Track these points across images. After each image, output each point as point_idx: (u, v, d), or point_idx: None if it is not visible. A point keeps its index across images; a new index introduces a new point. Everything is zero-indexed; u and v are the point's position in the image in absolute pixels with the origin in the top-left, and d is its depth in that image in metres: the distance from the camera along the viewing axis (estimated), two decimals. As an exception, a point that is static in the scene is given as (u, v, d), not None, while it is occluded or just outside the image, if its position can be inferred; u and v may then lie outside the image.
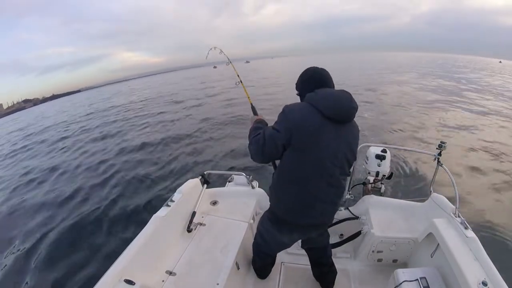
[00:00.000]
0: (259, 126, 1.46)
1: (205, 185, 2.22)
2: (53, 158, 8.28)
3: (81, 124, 14.22)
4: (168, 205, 1.84)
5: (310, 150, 1.23)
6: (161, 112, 13.56)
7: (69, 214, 4.35)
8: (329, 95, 1.23)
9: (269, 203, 1.51)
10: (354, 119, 1.32)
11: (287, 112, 1.24)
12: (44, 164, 7.60)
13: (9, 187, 6.32)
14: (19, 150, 10.70)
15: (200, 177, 2.23)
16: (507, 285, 1.28)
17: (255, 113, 1.77)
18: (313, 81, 1.32)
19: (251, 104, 1.91)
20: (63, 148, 9.27)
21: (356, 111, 1.27)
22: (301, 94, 1.37)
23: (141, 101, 21.04)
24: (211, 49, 2.27)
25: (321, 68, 1.37)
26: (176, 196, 1.93)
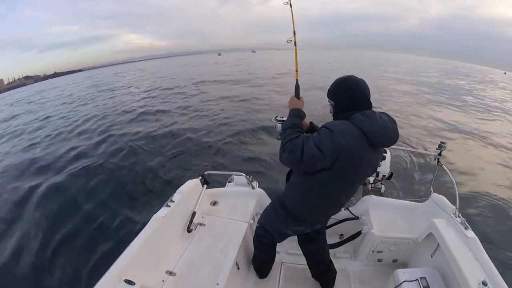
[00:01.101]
0: (296, 124, 1.31)
1: (205, 185, 2.22)
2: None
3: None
4: (168, 205, 1.84)
5: (347, 175, 1.23)
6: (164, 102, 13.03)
7: (66, 215, 4.33)
8: (382, 125, 1.16)
9: (282, 196, 1.53)
10: None
11: (337, 134, 1.13)
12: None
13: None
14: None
15: (200, 177, 2.23)
16: (507, 285, 1.28)
17: (297, 94, 1.49)
18: (355, 94, 1.22)
19: (296, 81, 1.54)
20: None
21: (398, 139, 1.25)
22: (338, 105, 1.26)
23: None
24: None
25: (361, 79, 1.25)
26: (176, 196, 1.93)
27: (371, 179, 2.50)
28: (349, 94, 1.22)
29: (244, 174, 2.39)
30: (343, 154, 1.14)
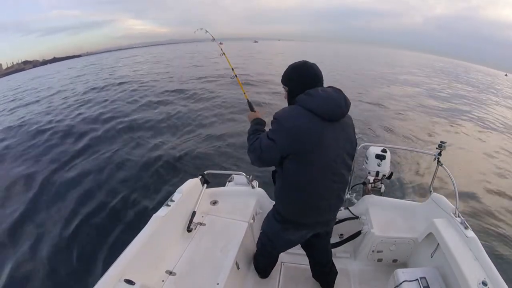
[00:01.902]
0: (257, 128, 1.45)
1: (205, 185, 2.22)
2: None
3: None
4: (168, 205, 1.84)
5: (313, 156, 1.20)
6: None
7: (62, 217, 4.33)
8: (326, 97, 1.18)
9: (274, 204, 1.51)
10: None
11: (282, 121, 1.20)
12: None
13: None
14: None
15: (200, 176, 2.22)
16: (507, 285, 1.28)
17: (251, 109, 1.71)
18: (308, 79, 1.26)
19: (247, 100, 1.84)
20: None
21: (350, 106, 1.26)
22: (293, 91, 1.30)
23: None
24: (197, 29, 2.34)
25: (314, 64, 1.30)
26: (176, 195, 1.93)
27: (371, 179, 2.50)
28: (303, 79, 1.27)
29: (244, 174, 2.39)
30: (294, 136, 1.17)
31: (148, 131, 7.64)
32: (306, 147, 1.18)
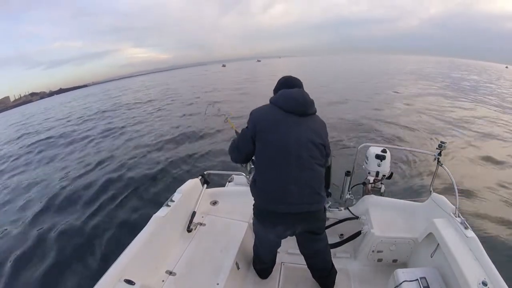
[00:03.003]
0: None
1: (205, 185, 2.22)
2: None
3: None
4: (168, 205, 1.84)
5: (272, 135, 1.39)
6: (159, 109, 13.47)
7: (63, 218, 4.33)
8: (285, 92, 1.45)
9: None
10: (318, 114, 1.52)
11: (253, 112, 1.49)
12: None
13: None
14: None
15: (200, 177, 2.23)
16: (507, 285, 1.28)
17: None
18: (284, 86, 1.53)
19: (236, 132, 2.22)
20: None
21: (312, 104, 1.46)
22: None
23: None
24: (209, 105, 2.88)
25: (293, 76, 1.60)
26: (176, 196, 1.93)
27: (371, 179, 2.50)
28: (281, 86, 1.56)
29: (244, 174, 2.39)
30: (259, 121, 1.43)
31: (149, 131, 7.65)
32: (269, 127, 1.41)
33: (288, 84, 1.54)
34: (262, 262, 1.88)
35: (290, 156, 1.37)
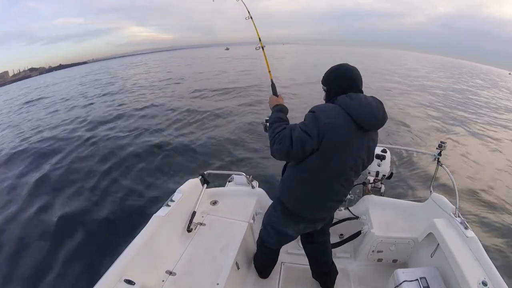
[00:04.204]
0: (281, 117, 1.37)
1: (205, 185, 2.22)
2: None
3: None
4: (168, 205, 1.84)
5: (336, 157, 1.22)
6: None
7: (62, 218, 4.32)
8: (366, 104, 1.18)
9: (278, 194, 1.50)
10: None
11: (319, 114, 1.18)
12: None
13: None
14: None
15: (200, 176, 2.22)
16: (507, 285, 1.28)
17: (274, 92, 1.60)
18: (346, 80, 1.26)
19: (272, 81, 1.68)
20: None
21: (386, 119, 1.25)
22: (330, 90, 1.31)
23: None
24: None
25: (354, 67, 1.30)
26: (176, 195, 1.93)
27: (371, 179, 2.50)
28: (340, 80, 1.27)
29: (244, 174, 2.39)
30: (327, 133, 1.16)
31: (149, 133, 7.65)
32: (332, 146, 1.19)
33: (355, 81, 1.26)
34: (266, 254, 1.85)
35: (341, 179, 1.30)
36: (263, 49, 1.84)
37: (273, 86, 1.65)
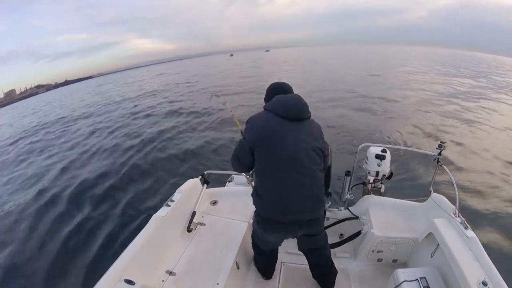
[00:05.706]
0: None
1: (205, 185, 2.22)
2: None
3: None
4: (168, 205, 1.84)
5: (273, 145, 1.37)
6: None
7: (60, 217, 4.32)
8: (280, 98, 1.44)
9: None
10: (313, 118, 1.50)
11: (250, 121, 1.47)
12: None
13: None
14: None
15: (200, 177, 2.23)
16: (507, 285, 1.28)
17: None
18: (275, 92, 1.52)
19: (241, 131, 2.01)
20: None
21: (307, 107, 1.45)
22: (266, 101, 1.57)
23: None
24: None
25: (283, 82, 1.60)
26: (176, 196, 1.93)
27: (371, 179, 2.50)
28: (272, 93, 1.55)
29: (244, 174, 2.39)
30: (259, 130, 1.41)
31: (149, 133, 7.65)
32: (267, 137, 1.39)
33: (282, 90, 1.53)
34: (262, 255, 1.86)
35: (291, 164, 1.36)
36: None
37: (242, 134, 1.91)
